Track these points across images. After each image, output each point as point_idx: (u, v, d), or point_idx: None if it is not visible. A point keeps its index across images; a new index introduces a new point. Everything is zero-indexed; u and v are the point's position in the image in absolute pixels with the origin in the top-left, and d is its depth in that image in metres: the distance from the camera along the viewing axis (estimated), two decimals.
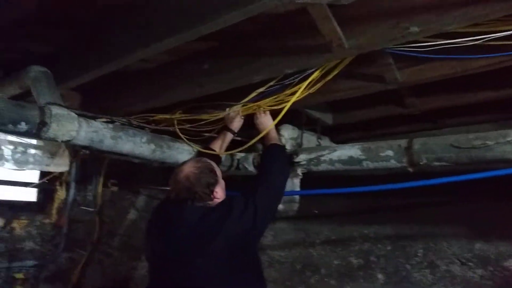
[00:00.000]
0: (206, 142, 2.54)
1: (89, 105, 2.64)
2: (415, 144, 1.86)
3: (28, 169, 2.28)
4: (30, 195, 2.67)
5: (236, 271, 1.67)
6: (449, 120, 2.53)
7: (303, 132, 2.42)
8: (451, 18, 1.34)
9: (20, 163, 2.24)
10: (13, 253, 2.33)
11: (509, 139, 1.63)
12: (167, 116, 2.36)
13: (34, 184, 2.45)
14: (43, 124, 1.55)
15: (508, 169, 1.59)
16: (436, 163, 1.81)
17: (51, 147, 2.35)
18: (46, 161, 2.32)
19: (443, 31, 1.39)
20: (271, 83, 1.94)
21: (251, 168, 2.44)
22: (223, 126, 2.29)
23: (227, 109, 2.24)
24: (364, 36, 1.53)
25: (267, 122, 2.19)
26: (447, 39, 1.52)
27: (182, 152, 2.18)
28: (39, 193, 2.71)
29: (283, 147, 2.09)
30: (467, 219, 2.56)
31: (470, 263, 2.49)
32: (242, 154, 2.47)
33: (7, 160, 2.20)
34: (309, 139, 2.58)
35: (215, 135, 2.39)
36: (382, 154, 1.93)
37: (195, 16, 1.42)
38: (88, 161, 2.61)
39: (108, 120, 2.42)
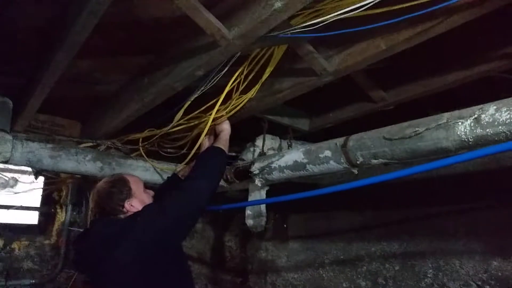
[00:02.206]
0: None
1: (87, 132, 2.82)
2: (350, 140, 1.59)
3: None
4: (31, 218, 2.91)
5: (153, 279, 1.58)
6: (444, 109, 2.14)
7: (265, 139, 2.25)
8: None
9: None
10: (11, 272, 2.54)
11: (441, 122, 1.30)
12: (137, 135, 2.39)
13: (16, 207, 2.68)
14: None
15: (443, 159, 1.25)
16: (374, 161, 1.52)
17: (17, 170, 2.57)
18: (11, 183, 2.54)
19: (308, 2, 1.18)
20: (203, 88, 1.85)
21: (221, 182, 2.32)
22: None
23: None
24: (243, 24, 1.38)
25: (222, 126, 2.08)
26: None
27: (135, 169, 2.17)
28: (40, 216, 2.94)
29: (220, 150, 1.93)
30: (480, 231, 2.10)
31: (487, 286, 2.02)
32: None
33: None
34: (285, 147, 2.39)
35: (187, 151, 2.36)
36: (321, 156, 1.69)
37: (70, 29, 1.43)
38: (81, 183, 2.76)
39: (94, 144, 2.56)
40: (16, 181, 2.56)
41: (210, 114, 1.94)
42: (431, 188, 2.36)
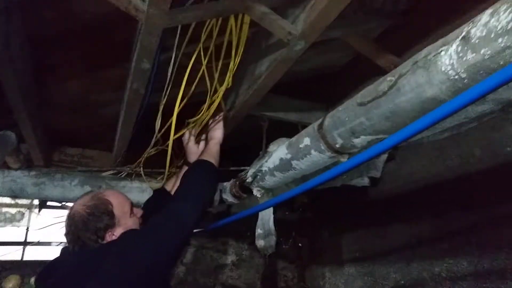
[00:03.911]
0: None
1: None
2: (327, 118, 1.17)
3: (0, 226, 2.48)
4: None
5: None
6: None
7: (264, 141, 1.88)
8: None
9: None
10: None
11: (418, 60, 0.84)
12: (145, 155, 2.22)
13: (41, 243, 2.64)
14: None
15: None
16: (356, 140, 1.08)
17: (22, 204, 2.53)
18: (17, 218, 2.49)
19: None
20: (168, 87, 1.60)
21: (230, 199, 2.00)
22: (183, 160, 1.98)
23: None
24: None
25: (213, 134, 1.79)
26: None
27: (130, 191, 1.96)
28: None
29: (207, 164, 1.61)
30: None
31: None
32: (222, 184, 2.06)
33: None
34: None
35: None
36: (301, 146, 1.29)
37: None
38: None
39: (115, 172, 2.47)
40: (22, 215, 2.56)
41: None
42: (507, 180, 1.73)
